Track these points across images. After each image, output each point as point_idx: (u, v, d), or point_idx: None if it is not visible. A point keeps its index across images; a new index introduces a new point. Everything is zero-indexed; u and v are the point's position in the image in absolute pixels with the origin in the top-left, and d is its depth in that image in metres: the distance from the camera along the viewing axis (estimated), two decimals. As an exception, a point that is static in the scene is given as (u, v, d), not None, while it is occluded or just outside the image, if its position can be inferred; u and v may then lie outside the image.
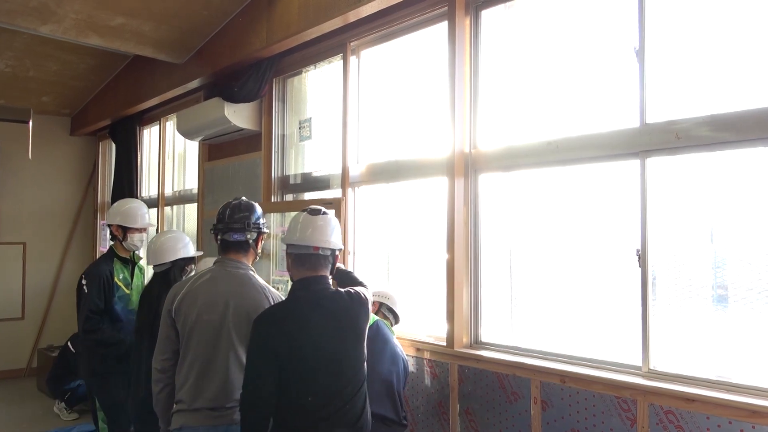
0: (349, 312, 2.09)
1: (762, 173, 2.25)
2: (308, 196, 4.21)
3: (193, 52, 4.69)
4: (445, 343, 3.09)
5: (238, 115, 4.30)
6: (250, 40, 4.07)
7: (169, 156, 5.93)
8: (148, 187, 6.35)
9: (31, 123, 5.20)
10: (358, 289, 2.19)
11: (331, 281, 2.19)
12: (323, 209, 2.19)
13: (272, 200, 4.32)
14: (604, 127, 2.65)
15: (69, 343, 5.35)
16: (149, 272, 3.53)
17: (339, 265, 2.29)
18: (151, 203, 6.22)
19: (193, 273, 3.38)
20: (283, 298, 2.27)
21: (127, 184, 6.06)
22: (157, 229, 5.80)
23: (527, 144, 2.93)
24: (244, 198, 2.52)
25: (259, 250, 2.51)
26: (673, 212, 2.47)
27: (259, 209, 2.50)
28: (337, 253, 2.18)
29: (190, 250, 3.15)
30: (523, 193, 3.03)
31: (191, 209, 5.51)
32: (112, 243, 3.56)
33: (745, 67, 2.30)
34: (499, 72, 3.14)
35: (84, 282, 3.36)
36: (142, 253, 3.68)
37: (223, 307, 2.29)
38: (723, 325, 2.33)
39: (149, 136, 6.38)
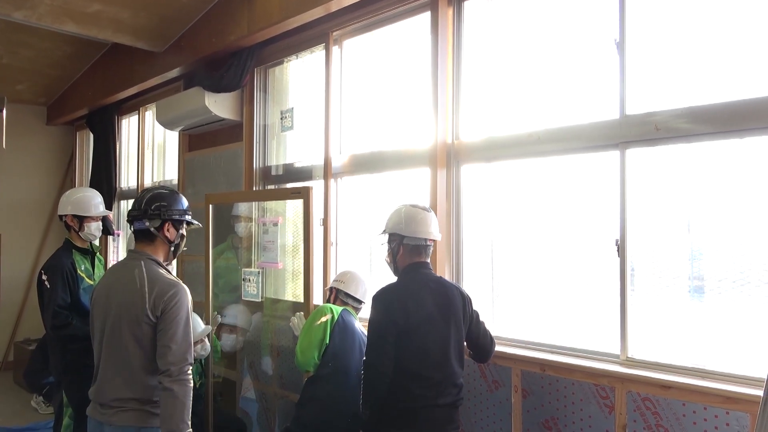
0: (448, 294, 2.44)
1: (737, 165, 2.29)
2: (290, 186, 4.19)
3: (172, 40, 4.62)
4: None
5: (219, 105, 4.25)
6: (230, 28, 4.02)
7: (149, 146, 5.84)
8: (127, 177, 6.25)
9: (5, 112, 5.07)
10: (465, 292, 2.54)
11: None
12: (426, 206, 2.56)
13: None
14: (584, 119, 2.67)
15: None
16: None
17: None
18: (130, 194, 6.13)
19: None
20: (180, 287, 2.16)
21: (105, 174, 5.96)
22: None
23: (509, 135, 2.94)
24: (160, 187, 2.38)
25: (174, 240, 2.32)
26: (651, 203, 2.50)
27: (173, 197, 2.32)
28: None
29: None
30: (505, 184, 3.04)
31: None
32: (67, 235, 3.40)
33: (723, 60, 2.33)
34: (482, 63, 3.14)
35: (45, 277, 3.19)
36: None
37: (105, 304, 2.20)
38: (699, 315, 2.38)
39: (128, 125, 6.28)
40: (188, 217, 2.37)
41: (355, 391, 2.69)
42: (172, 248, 2.34)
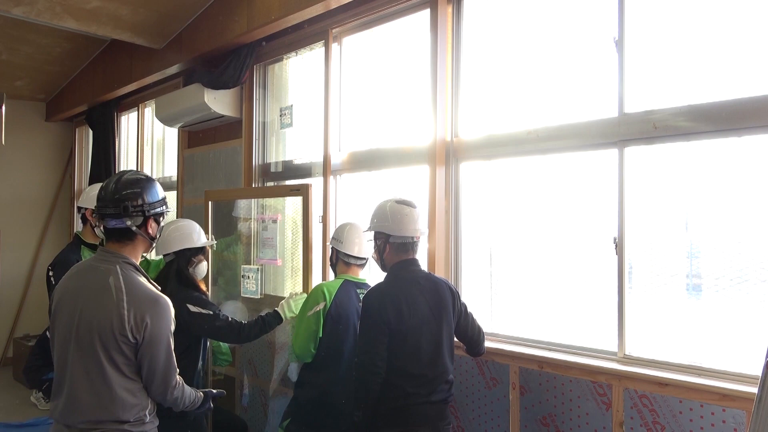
0: (439, 291, 2.44)
1: (736, 163, 2.29)
2: (289, 183, 4.19)
3: (172, 37, 4.61)
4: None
5: (219, 102, 4.25)
6: (230, 25, 4.02)
7: (148, 143, 5.85)
8: (127, 174, 6.24)
9: (3, 108, 5.07)
10: (452, 286, 2.54)
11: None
12: (411, 201, 2.51)
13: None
14: (583, 117, 2.67)
15: (47, 333, 5.26)
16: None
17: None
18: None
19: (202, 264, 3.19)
20: (162, 301, 1.96)
21: (104, 171, 5.95)
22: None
23: (508, 133, 2.94)
24: (131, 171, 2.10)
25: (156, 236, 2.07)
26: (649, 201, 2.50)
27: (151, 186, 2.03)
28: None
29: (195, 239, 2.92)
30: (504, 181, 3.05)
31: (170, 197, 5.45)
32: (79, 230, 3.41)
33: (722, 59, 2.33)
34: (481, 61, 3.14)
35: (51, 273, 3.22)
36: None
37: (71, 312, 1.93)
38: (697, 312, 2.39)
39: (127, 122, 6.28)
40: (166, 207, 2.11)
41: (348, 373, 2.70)
42: (153, 245, 2.12)
